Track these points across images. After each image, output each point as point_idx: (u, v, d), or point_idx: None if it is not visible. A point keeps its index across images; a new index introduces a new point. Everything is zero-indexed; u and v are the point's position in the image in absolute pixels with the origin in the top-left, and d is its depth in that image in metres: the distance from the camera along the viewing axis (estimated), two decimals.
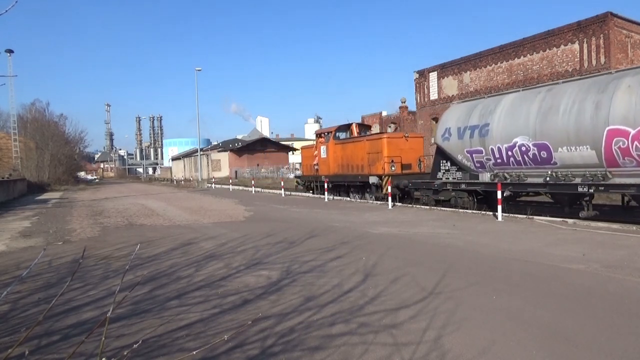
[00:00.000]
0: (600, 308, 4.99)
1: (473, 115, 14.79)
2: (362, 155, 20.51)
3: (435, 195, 16.37)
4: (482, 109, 14.61)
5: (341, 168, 22.29)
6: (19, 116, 49.72)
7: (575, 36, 25.31)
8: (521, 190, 13.69)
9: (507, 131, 13.36)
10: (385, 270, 6.99)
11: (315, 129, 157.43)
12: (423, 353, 3.91)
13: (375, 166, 19.60)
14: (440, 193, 16.13)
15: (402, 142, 19.70)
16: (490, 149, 13.98)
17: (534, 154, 12.69)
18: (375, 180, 19.38)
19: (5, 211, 20.22)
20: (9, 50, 43.07)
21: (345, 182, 22.03)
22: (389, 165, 19.04)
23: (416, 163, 19.89)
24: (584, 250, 8.08)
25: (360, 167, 20.73)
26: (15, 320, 5.12)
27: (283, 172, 59.80)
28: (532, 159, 12.80)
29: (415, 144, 20.23)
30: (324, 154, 23.63)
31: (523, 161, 13.13)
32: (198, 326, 4.71)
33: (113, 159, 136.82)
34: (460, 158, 15.30)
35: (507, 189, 13.33)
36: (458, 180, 15.62)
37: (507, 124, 13.40)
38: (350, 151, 21.59)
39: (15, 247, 10.32)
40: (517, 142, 13.04)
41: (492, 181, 14.18)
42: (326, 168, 23.39)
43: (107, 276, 7.14)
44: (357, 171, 20.97)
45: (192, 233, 11.78)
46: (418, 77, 38.36)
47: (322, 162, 23.82)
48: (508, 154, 13.47)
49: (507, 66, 29.43)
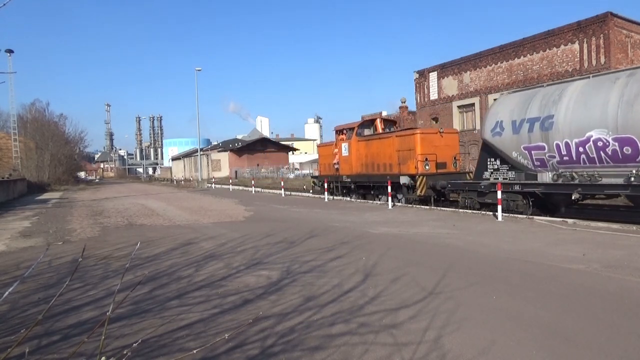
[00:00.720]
0: (600, 308, 4.99)
1: (532, 105, 13.01)
2: (391, 152, 18.72)
3: (481, 198, 14.62)
4: (543, 98, 12.84)
5: (365, 167, 20.55)
6: (19, 116, 49.76)
7: (575, 36, 25.32)
8: (595, 192, 11.82)
9: (579, 124, 11.66)
10: (385, 270, 6.99)
11: (316, 127, 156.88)
12: (423, 353, 3.91)
13: (407, 165, 17.82)
14: (487, 195, 14.38)
15: (437, 139, 17.81)
16: (555, 144, 12.27)
17: (614, 150, 11.04)
18: (406, 180, 17.50)
19: (5, 211, 20.22)
20: (9, 50, 43.09)
21: (371, 183, 20.19)
22: (423, 163, 17.22)
23: (451, 161, 18.06)
24: (584, 250, 8.08)
25: (388, 166, 18.97)
26: (15, 320, 5.11)
27: (283, 172, 59.80)
28: (611, 156, 11.18)
29: (451, 140, 18.35)
30: (345, 151, 21.75)
31: (598, 159, 11.48)
32: (198, 326, 4.71)
33: (113, 159, 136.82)
34: (515, 155, 13.58)
35: (575, 190, 11.78)
36: (510, 180, 13.89)
37: (578, 116, 11.69)
38: (375, 149, 19.81)
39: (15, 247, 10.32)
40: (592, 136, 11.38)
41: (555, 182, 12.61)
42: (348, 167, 21.65)
43: (107, 276, 7.14)
44: (385, 170, 19.21)
45: (192, 233, 11.78)
46: (418, 77, 38.37)
47: (343, 160, 22.02)
48: (579, 150, 11.77)
49: (507, 66, 29.43)
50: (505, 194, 13.55)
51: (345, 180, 21.77)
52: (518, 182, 13.56)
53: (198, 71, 47.66)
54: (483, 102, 31.20)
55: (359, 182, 20.99)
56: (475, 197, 14.84)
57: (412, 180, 17.47)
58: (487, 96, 30.81)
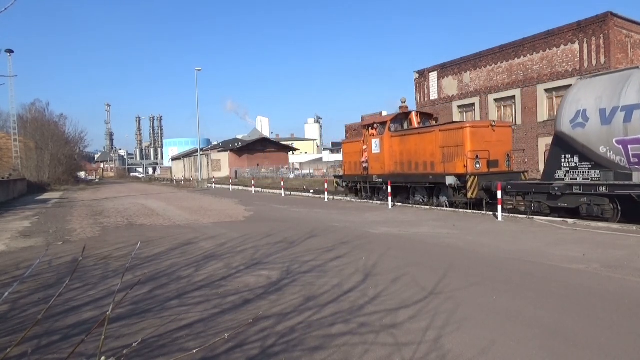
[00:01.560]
0: (600, 308, 4.99)
1: (627, 90, 11.13)
2: (433, 149, 16.60)
3: (552, 202, 12.58)
4: None
5: (400, 166, 18.35)
6: (19, 116, 49.73)
7: (575, 36, 25.32)
8: None
9: None
10: (385, 270, 6.99)
11: (316, 127, 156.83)
12: (423, 353, 3.91)
13: (453, 163, 15.73)
14: (562, 199, 12.39)
15: (488, 133, 15.71)
16: None
17: None
18: (452, 180, 15.36)
19: (5, 211, 20.22)
20: (9, 50, 43.07)
21: (408, 183, 18.00)
22: (474, 161, 15.15)
23: (504, 159, 15.98)
24: (584, 250, 8.08)
25: (430, 165, 16.84)
26: (15, 320, 5.11)
27: (283, 172, 59.81)
28: None
29: (503, 135, 16.21)
30: (376, 149, 19.43)
31: None
32: (198, 326, 4.71)
33: (113, 159, 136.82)
34: (604, 151, 11.65)
35: None
36: (594, 181, 11.81)
37: None
38: (413, 145, 17.66)
39: (15, 247, 10.32)
40: None
41: None
42: (379, 166, 19.30)
43: (106, 276, 7.14)
44: (424, 170, 17.10)
45: (192, 233, 11.78)
46: (418, 77, 38.37)
47: (373, 159, 19.67)
48: None
49: (507, 66, 29.43)
50: (586, 197, 11.87)
51: (376, 181, 19.57)
52: (606, 183, 11.47)
53: (198, 71, 47.67)
54: (483, 102, 31.20)
55: (393, 182, 18.50)
56: (545, 201, 12.86)
57: (458, 180, 15.38)
58: (487, 96, 30.81)
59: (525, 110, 27.17)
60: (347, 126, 50.27)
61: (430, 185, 16.94)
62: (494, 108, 30.10)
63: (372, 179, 19.87)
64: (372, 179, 19.86)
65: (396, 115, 19.81)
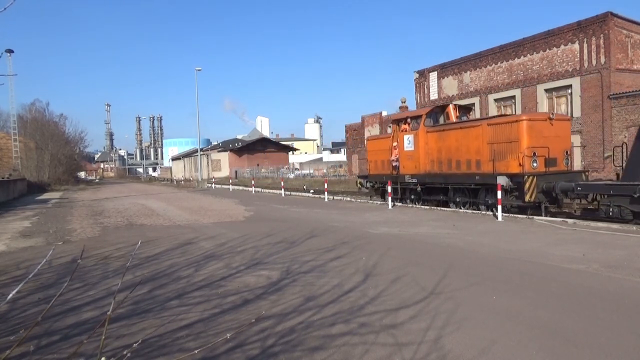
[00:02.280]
0: (600, 308, 4.99)
1: None
2: (479, 146, 14.73)
3: (636, 206, 11.05)
4: None
5: (438, 165, 16.41)
6: (19, 116, 49.71)
7: (575, 36, 25.32)
8: None
9: None
10: (385, 270, 6.99)
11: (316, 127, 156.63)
12: (423, 353, 3.91)
13: (506, 162, 13.88)
14: None
15: (546, 127, 13.81)
16: None
17: None
18: (504, 181, 13.34)
19: (5, 211, 20.22)
20: (9, 50, 43.06)
21: (448, 184, 15.94)
22: (530, 159, 13.28)
23: (562, 157, 14.15)
24: (584, 250, 8.08)
25: (475, 164, 14.92)
26: (14, 320, 5.11)
27: (283, 172, 59.81)
28: None
29: (562, 130, 14.33)
30: (409, 145, 17.45)
31: None
32: (198, 326, 4.71)
33: (113, 159, 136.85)
34: None
35: None
36: None
37: None
38: (454, 141, 15.74)
39: (15, 247, 10.32)
40: None
41: None
42: (413, 165, 17.30)
43: (106, 276, 7.14)
44: (469, 169, 15.15)
45: (192, 233, 11.78)
46: (418, 77, 38.37)
47: (405, 157, 17.67)
48: None
49: (507, 66, 29.44)
50: None
51: (409, 181, 17.51)
52: None
53: (198, 71, 47.68)
54: (483, 102, 31.21)
55: (429, 183, 16.82)
56: (627, 205, 11.24)
57: (510, 181, 13.50)
58: (487, 96, 30.82)
59: (525, 110, 27.16)
60: (347, 126, 50.26)
61: (476, 186, 14.92)
62: (494, 108, 30.11)
63: (404, 179, 17.76)
64: (404, 180, 17.77)
65: (432, 109, 17.70)
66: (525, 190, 13.05)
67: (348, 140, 50.71)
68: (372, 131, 46.17)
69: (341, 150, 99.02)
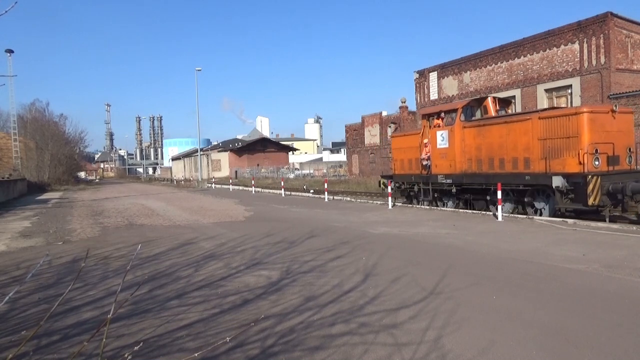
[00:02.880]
0: (601, 308, 4.99)
1: None
2: (528, 142, 13.15)
3: None
4: None
5: (477, 164, 14.85)
6: (19, 116, 49.73)
7: (575, 36, 25.32)
8: None
9: None
10: (385, 270, 6.99)
11: (316, 127, 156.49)
12: (423, 353, 3.91)
13: (562, 160, 12.39)
14: None
15: (609, 121, 12.31)
16: None
17: None
18: (560, 182, 12.00)
19: (6, 211, 20.22)
20: (9, 50, 43.07)
21: (491, 185, 14.13)
22: (592, 157, 11.84)
23: (625, 154, 12.64)
24: (584, 250, 8.08)
25: (523, 162, 13.32)
26: (14, 320, 5.11)
27: (283, 172, 59.82)
28: None
29: (625, 124, 12.82)
30: (443, 142, 15.97)
31: None
32: (198, 326, 4.71)
33: (113, 159, 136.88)
34: None
35: None
36: None
37: None
38: (497, 137, 14.14)
39: (15, 247, 10.32)
40: None
41: None
42: (447, 164, 15.79)
43: (106, 276, 7.14)
44: (516, 168, 13.57)
45: (192, 233, 11.78)
46: (418, 77, 38.38)
47: (438, 155, 16.18)
48: None
49: (507, 66, 29.43)
50: None
51: (443, 182, 15.98)
52: None
53: (198, 71, 47.69)
54: None
55: (467, 183, 15.20)
56: None
57: (566, 182, 12.05)
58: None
59: (525, 110, 27.16)
60: (347, 126, 50.26)
61: (525, 187, 13.38)
62: None
63: (437, 179, 16.20)
64: (437, 180, 16.21)
65: (468, 102, 16.09)
66: (588, 192, 11.52)
67: (348, 140, 50.72)
68: (372, 131, 46.14)
69: (341, 150, 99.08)
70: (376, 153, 45.52)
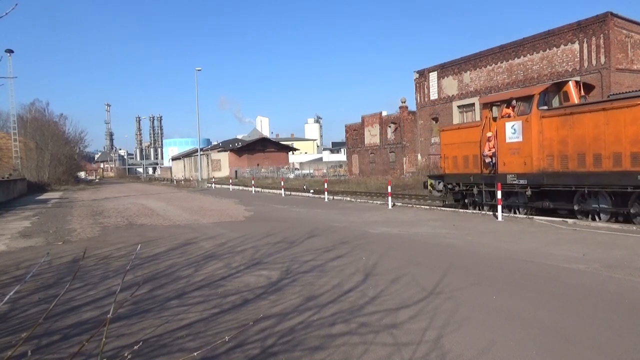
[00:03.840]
0: (600, 308, 4.99)
1: None
2: (636, 133, 10.60)
3: None
4: None
5: (561, 161, 12.23)
6: (19, 116, 49.73)
7: (575, 36, 25.32)
8: None
9: None
10: (385, 270, 6.99)
11: (316, 127, 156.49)
12: (423, 353, 3.91)
13: None
14: None
15: None
16: None
17: None
18: None
19: (5, 211, 20.22)
20: (9, 50, 43.11)
21: (584, 187, 11.75)
22: None
23: None
24: (584, 250, 8.08)
25: (630, 159, 10.70)
26: (14, 320, 5.11)
27: (283, 172, 59.82)
28: None
29: None
30: (514, 136, 13.31)
31: None
32: (198, 326, 4.71)
33: (113, 159, 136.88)
34: None
35: None
36: None
37: None
38: (590, 128, 11.50)
39: (15, 247, 10.32)
40: None
41: None
42: (520, 161, 13.17)
43: (106, 276, 7.14)
44: (618, 166, 10.97)
45: (192, 233, 11.78)
46: (418, 77, 38.39)
47: (506, 150, 13.53)
48: None
49: (507, 66, 29.44)
50: None
51: (514, 182, 13.35)
52: None
53: (198, 71, 47.69)
54: None
55: (548, 184, 12.59)
56: None
57: None
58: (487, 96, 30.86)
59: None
60: (347, 126, 50.30)
61: (634, 188, 10.70)
62: None
63: (505, 179, 13.47)
64: (505, 180, 13.46)
65: (546, 87, 13.51)
66: None
67: (348, 140, 50.75)
68: (372, 131, 46.17)
69: (341, 150, 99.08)
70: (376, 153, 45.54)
